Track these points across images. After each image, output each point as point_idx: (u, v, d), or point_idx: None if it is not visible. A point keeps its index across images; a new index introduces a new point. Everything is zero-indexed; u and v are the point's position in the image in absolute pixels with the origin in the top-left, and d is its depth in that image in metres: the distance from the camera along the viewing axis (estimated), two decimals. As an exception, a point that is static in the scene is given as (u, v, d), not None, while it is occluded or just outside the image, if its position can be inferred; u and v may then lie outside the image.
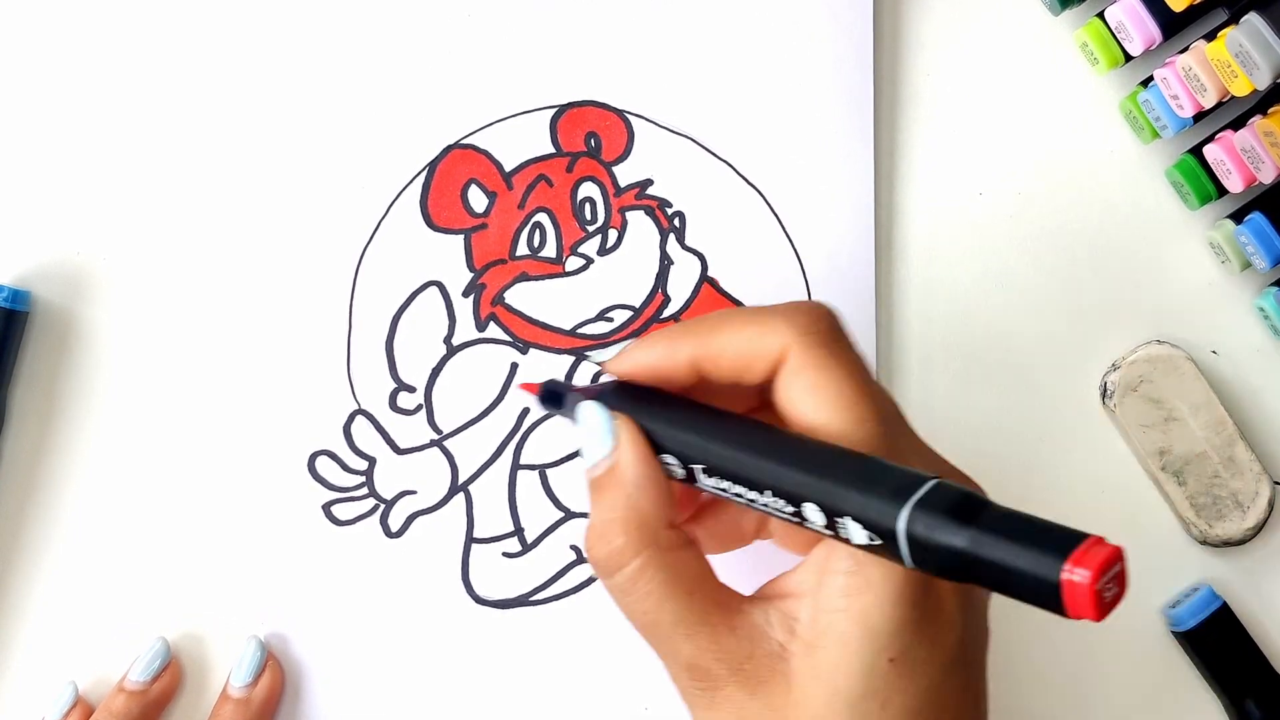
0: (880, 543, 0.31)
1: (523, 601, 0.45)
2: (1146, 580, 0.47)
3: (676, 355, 0.36)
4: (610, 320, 0.46)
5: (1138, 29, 0.45)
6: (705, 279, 0.46)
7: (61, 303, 0.46)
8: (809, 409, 0.34)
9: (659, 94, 0.47)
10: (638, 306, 0.46)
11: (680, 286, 0.47)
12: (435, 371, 0.46)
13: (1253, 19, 0.41)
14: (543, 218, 0.46)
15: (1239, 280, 0.48)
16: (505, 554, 0.46)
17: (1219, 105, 0.44)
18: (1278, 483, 0.46)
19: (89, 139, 0.46)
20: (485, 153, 0.47)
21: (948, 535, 0.30)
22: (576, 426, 0.37)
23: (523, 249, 0.46)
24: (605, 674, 0.45)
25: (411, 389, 0.46)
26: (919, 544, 0.30)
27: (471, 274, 0.46)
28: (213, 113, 0.46)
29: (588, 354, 0.46)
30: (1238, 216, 0.46)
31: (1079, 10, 0.47)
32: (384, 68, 0.47)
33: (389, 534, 0.46)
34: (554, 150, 0.47)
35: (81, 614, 0.45)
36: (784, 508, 0.33)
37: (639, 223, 0.47)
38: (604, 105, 0.47)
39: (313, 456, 0.46)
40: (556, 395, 0.39)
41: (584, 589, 0.46)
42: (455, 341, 0.46)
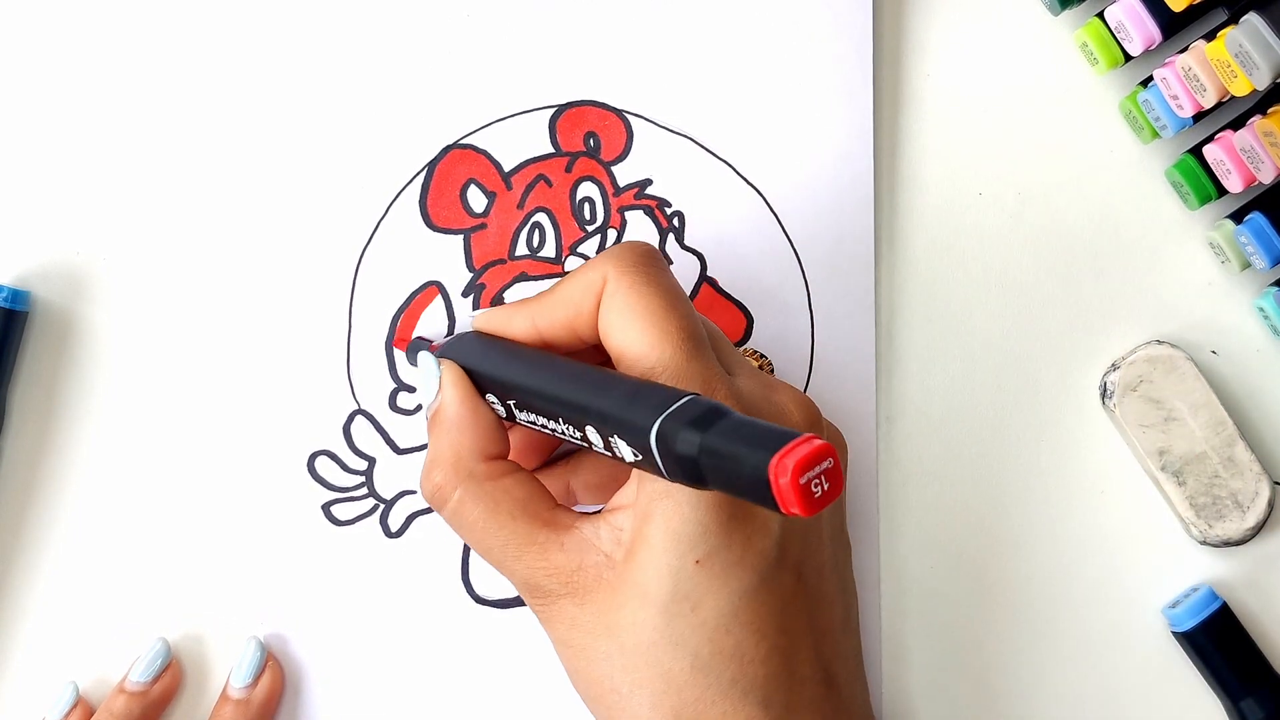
0: (642, 458, 0.33)
1: (523, 601, 0.45)
2: (1146, 580, 0.47)
3: (515, 317, 0.39)
4: (610, 320, 0.46)
5: (1137, 29, 0.45)
6: (704, 279, 0.46)
7: (61, 303, 0.46)
8: (618, 330, 0.36)
9: (658, 94, 0.47)
10: (637, 306, 0.46)
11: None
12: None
13: (1252, 19, 0.40)
14: (542, 218, 0.46)
15: (1239, 280, 0.48)
16: (505, 554, 0.46)
17: (1219, 105, 0.44)
18: (1278, 483, 0.46)
19: (89, 139, 0.46)
20: (484, 153, 0.47)
21: (683, 443, 0.31)
22: (416, 373, 0.41)
23: (522, 249, 0.46)
24: (605, 674, 0.45)
25: (411, 389, 0.46)
26: (667, 455, 0.32)
27: (471, 274, 0.46)
28: (212, 113, 0.46)
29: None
30: (1238, 216, 0.46)
31: (1079, 10, 0.47)
32: (383, 68, 0.47)
33: (389, 534, 0.46)
34: (553, 150, 0.47)
35: (81, 614, 0.45)
36: (573, 433, 0.35)
37: (638, 223, 0.47)
38: (603, 105, 0.47)
39: (312, 456, 0.46)
40: (415, 350, 0.42)
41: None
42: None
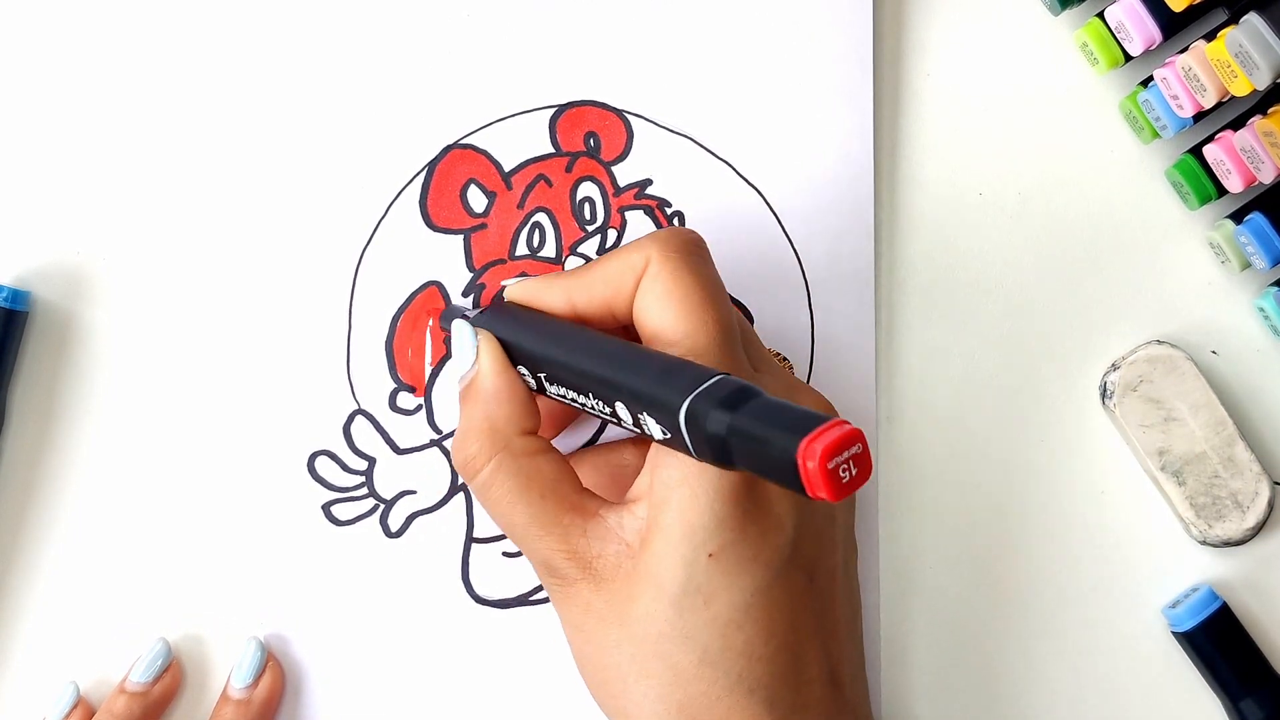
0: (670, 436, 0.33)
1: (523, 601, 0.45)
2: (1146, 580, 0.47)
3: (550, 289, 0.39)
4: (610, 320, 0.46)
5: (1138, 29, 0.45)
6: (705, 279, 0.46)
7: (61, 303, 0.46)
8: (655, 313, 0.36)
9: (658, 94, 0.47)
10: (637, 306, 0.46)
11: (680, 286, 0.47)
12: (435, 371, 0.46)
13: (1252, 19, 0.40)
14: (542, 218, 0.46)
15: (1239, 280, 0.48)
16: (505, 554, 0.46)
17: (1219, 105, 0.44)
18: (1278, 483, 0.46)
19: (89, 139, 0.46)
20: (484, 153, 0.47)
21: (713, 422, 0.31)
22: (452, 342, 0.40)
23: (522, 249, 0.46)
24: (605, 674, 0.45)
25: (411, 389, 0.46)
26: (696, 433, 0.31)
27: (471, 274, 0.46)
28: (212, 113, 0.46)
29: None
30: (1238, 216, 0.46)
31: (1079, 10, 0.47)
32: (383, 68, 0.47)
33: (389, 534, 0.46)
34: (553, 150, 0.47)
35: (82, 614, 0.45)
36: (603, 408, 0.35)
37: (638, 222, 0.47)
38: (603, 105, 0.47)
39: (312, 457, 0.46)
40: (450, 318, 0.42)
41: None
42: (455, 342, 0.46)
